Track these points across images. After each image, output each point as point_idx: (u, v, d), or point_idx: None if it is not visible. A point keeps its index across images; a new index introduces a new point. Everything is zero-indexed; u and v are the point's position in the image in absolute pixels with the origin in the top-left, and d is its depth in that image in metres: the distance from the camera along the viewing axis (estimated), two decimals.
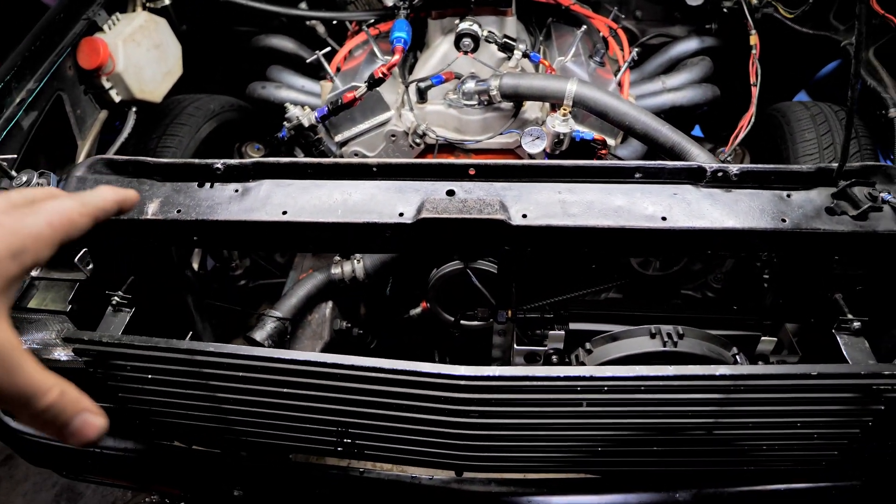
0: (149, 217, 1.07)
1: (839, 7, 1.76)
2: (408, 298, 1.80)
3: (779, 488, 1.14)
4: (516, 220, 1.00)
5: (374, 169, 1.08)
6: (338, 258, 1.73)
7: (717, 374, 0.92)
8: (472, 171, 1.07)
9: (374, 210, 1.04)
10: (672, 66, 1.98)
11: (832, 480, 1.13)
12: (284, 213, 1.05)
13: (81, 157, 1.52)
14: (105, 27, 1.58)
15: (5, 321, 0.50)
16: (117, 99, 1.59)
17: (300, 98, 1.89)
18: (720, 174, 1.04)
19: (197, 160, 1.11)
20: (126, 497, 2.10)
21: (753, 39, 1.75)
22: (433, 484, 1.23)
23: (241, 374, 1.03)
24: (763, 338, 1.12)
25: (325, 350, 1.66)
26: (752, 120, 1.64)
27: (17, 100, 1.33)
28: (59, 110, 1.47)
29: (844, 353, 1.01)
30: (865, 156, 1.56)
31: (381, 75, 1.49)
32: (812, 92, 2.59)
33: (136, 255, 1.16)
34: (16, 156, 1.26)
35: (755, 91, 1.67)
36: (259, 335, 1.56)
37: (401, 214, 1.02)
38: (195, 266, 2.04)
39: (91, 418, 0.53)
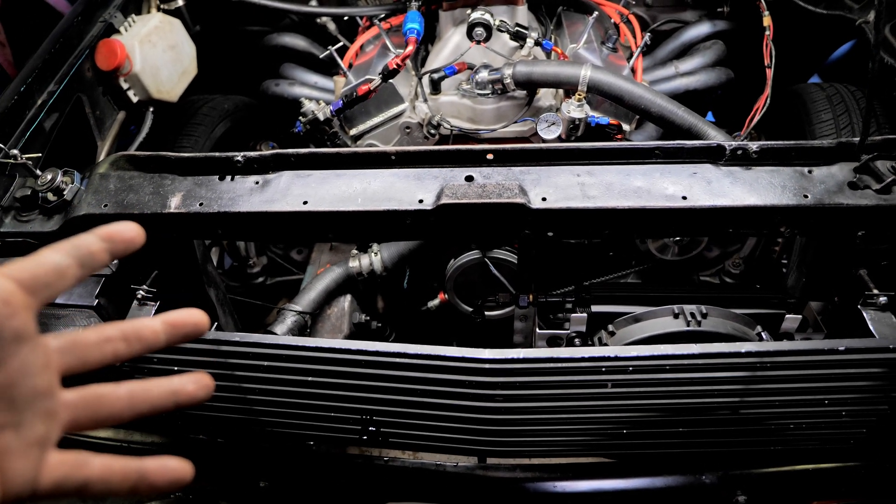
0: (172, 211, 1.08)
1: None
2: (425, 290, 1.81)
3: (807, 468, 1.13)
4: (536, 204, 1.01)
5: (393, 157, 1.08)
6: (355, 252, 1.74)
7: (743, 351, 0.92)
8: (489, 157, 1.07)
9: (393, 198, 1.04)
10: (684, 51, 1.97)
11: (861, 459, 1.12)
12: (305, 203, 1.06)
13: (101, 158, 1.55)
14: (121, 29, 1.60)
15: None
16: (135, 99, 1.61)
17: (314, 94, 1.90)
18: (740, 152, 1.03)
19: (217, 154, 1.12)
20: None
21: (767, 21, 1.73)
22: (458, 471, 1.23)
23: (266, 363, 1.04)
24: (787, 316, 1.11)
25: None
26: (768, 102, 1.62)
27: (39, 102, 1.35)
28: (79, 112, 1.50)
29: (871, 328, 1.00)
30: (883, 134, 1.54)
31: (395, 67, 1.49)
32: (825, 74, 2.56)
33: (160, 249, 1.17)
34: (40, 154, 1.28)
35: (770, 73, 1.66)
36: (279, 329, 1.57)
37: (420, 201, 1.03)
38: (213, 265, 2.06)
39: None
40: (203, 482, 1.51)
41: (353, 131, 1.69)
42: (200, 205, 1.08)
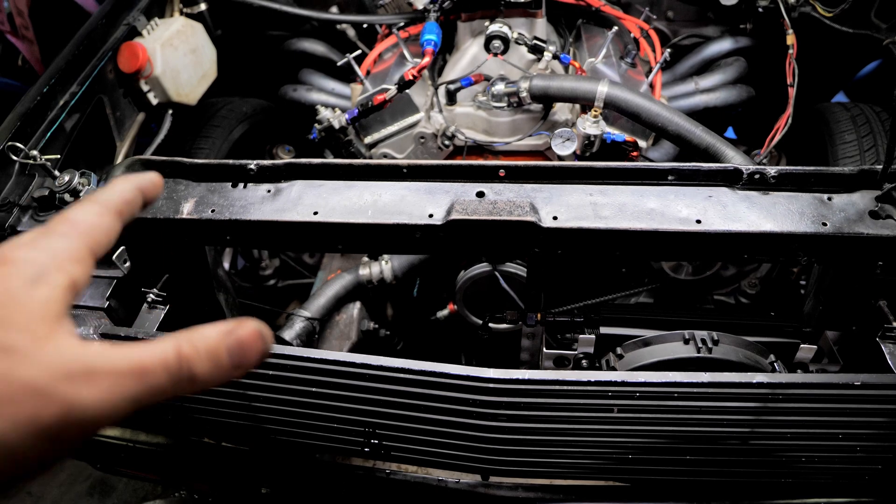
0: (184, 216, 1.09)
1: (881, 5, 1.70)
2: (435, 300, 1.80)
3: (818, 502, 1.10)
4: (546, 223, 0.99)
5: (405, 170, 1.08)
6: (366, 259, 1.74)
7: (754, 381, 0.90)
8: (501, 173, 1.06)
9: (404, 211, 1.04)
10: (705, 67, 1.94)
11: (875, 495, 1.09)
12: (315, 213, 1.06)
13: (120, 158, 1.57)
14: (144, 32, 1.62)
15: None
16: (155, 101, 1.63)
17: (331, 100, 1.91)
18: (757, 176, 1.01)
19: (231, 161, 1.13)
20: (156, 491, 2.14)
21: (790, 39, 1.70)
22: (459, 487, 1.22)
23: (271, 372, 1.04)
24: (802, 345, 1.09)
25: (352, 350, 1.67)
26: (790, 121, 1.59)
27: (61, 103, 1.37)
28: (100, 112, 1.52)
29: (889, 362, 0.97)
30: None
31: (411, 77, 1.49)
32: (851, 93, 2.51)
33: (171, 253, 1.18)
34: (59, 156, 1.30)
35: (792, 92, 1.63)
36: (288, 334, 1.58)
37: (430, 216, 1.02)
38: (226, 265, 2.08)
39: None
40: (205, 485, 1.52)
41: (367, 139, 1.69)
42: (212, 211, 1.09)
